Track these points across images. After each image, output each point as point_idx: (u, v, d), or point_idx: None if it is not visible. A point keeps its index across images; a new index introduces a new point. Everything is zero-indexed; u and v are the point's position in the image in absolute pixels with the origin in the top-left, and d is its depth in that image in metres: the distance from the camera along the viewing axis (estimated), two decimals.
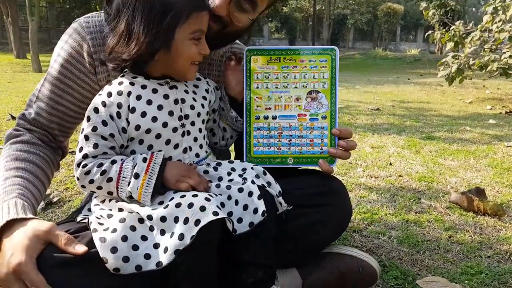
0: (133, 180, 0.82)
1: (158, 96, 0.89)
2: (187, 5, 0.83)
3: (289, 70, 1.01)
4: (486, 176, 2.16)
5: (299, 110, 1.01)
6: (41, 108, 1.00)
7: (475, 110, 4.71)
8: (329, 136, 1.01)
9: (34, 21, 9.16)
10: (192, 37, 0.86)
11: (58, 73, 0.99)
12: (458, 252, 1.35)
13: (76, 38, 0.98)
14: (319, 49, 1.01)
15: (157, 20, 0.81)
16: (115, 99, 0.86)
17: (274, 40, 26.13)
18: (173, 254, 0.75)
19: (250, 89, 1.02)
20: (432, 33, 5.62)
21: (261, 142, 1.03)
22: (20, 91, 5.23)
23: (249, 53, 1.02)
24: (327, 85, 1.00)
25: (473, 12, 30.25)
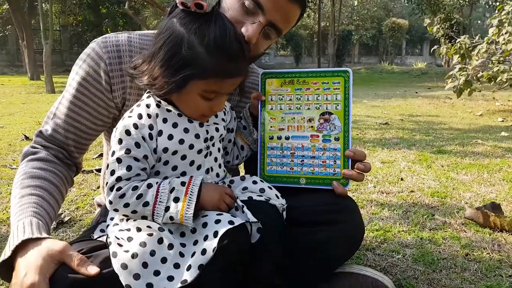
0: (173, 204, 0.82)
1: (183, 119, 0.90)
2: (212, 67, 0.81)
3: (302, 92, 1.02)
4: (501, 191, 2.12)
5: (312, 131, 1.02)
6: (58, 124, 1.02)
7: (486, 123, 4.66)
8: (342, 158, 1.00)
9: (48, 44, 9.40)
10: (203, 94, 0.85)
11: (76, 91, 1.02)
12: (476, 270, 1.31)
13: (94, 57, 1.01)
14: (332, 71, 1.02)
15: (176, 68, 0.81)
16: (146, 121, 0.87)
17: (280, 57, 26.37)
18: (198, 269, 0.76)
19: (264, 110, 1.05)
20: (438, 47, 5.62)
21: (274, 162, 1.04)
22: (33, 112, 5.32)
23: (264, 76, 1.06)
24: (340, 107, 1.01)
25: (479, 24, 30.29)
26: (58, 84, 9.77)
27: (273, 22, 0.97)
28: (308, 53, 27.40)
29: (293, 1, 0.97)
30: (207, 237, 0.79)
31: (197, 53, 0.80)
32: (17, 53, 18.65)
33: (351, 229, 1.04)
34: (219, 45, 0.81)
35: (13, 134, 3.69)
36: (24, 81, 11.68)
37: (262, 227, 0.86)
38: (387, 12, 28.08)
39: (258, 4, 0.95)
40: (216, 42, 0.81)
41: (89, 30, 19.35)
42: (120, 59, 1.01)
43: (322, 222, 1.01)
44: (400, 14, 28.58)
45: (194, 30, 0.81)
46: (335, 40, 16.86)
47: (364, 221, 1.10)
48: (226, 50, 0.82)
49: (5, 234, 1.59)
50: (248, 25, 0.95)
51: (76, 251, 0.79)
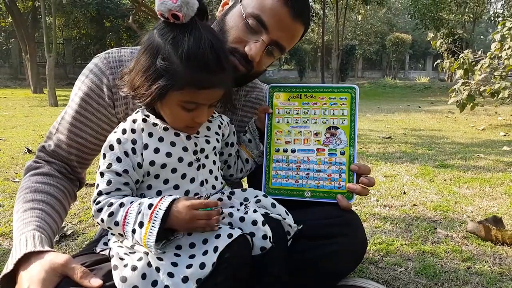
0: (137, 229, 0.79)
1: (169, 134, 0.90)
2: (187, 78, 0.81)
3: (309, 107, 1.04)
4: (503, 204, 2.12)
5: (318, 145, 1.03)
6: (61, 140, 1.03)
7: (489, 137, 4.66)
8: (347, 172, 1.02)
9: (52, 57, 9.49)
10: (183, 105, 0.85)
11: (78, 106, 1.02)
12: (477, 283, 1.31)
13: (97, 72, 1.02)
14: (339, 87, 1.04)
15: (153, 78, 0.82)
16: (130, 136, 0.87)
17: (284, 71, 26.54)
18: (195, 283, 0.75)
19: (271, 123, 1.06)
20: (441, 62, 5.66)
21: (279, 174, 1.05)
22: (36, 125, 5.37)
23: (272, 90, 1.07)
24: (346, 122, 1.02)
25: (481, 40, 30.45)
26: (61, 97, 9.85)
27: (277, 40, 0.98)
28: (312, 67, 27.58)
29: (298, 20, 0.98)
30: (206, 252, 0.78)
31: (172, 64, 0.80)
32: (20, 66, 18.84)
33: (354, 243, 1.05)
34: (192, 55, 0.80)
35: (16, 148, 3.72)
36: (27, 94, 11.79)
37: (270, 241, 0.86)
38: (391, 27, 28.32)
39: (262, 23, 0.96)
40: (189, 53, 0.80)
41: (93, 44, 19.58)
42: None
43: (325, 236, 1.01)
44: (403, 29, 28.80)
45: (169, 41, 0.81)
46: (339, 54, 16.98)
47: (367, 234, 1.11)
48: (200, 60, 0.81)
49: (7, 248, 1.61)
50: (252, 44, 0.96)
51: (79, 264, 0.80)
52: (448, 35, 17.60)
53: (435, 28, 17.76)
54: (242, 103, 1.21)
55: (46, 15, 10.35)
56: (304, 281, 1.01)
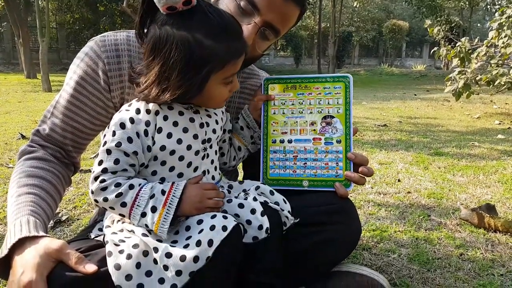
0: (150, 214, 0.80)
1: (184, 118, 0.88)
2: (226, 54, 0.81)
3: (304, 97, 1.05)
4: (496, 192, 2.14)
5: (314, 134, 1.04)
6: (56, 124, 1.01)
7: (483, 125, 4.68)
8: (344, 160, 1.03)
9: (45, 42, 9.36)
10: (225, 82, 0.86)
11: (74, 90, 1.00)
12: (469, 270, 1.33)
13: (92, 56, 1.00)
14: (333, 77, 1.05)
15: (195, 71, 0.80)
16: (144, 117, 0.84)
17: (280, 58, 26.38)
18: (188, 276, 0.75)
19: (267, 115, 1.07)
20: (437, 49, 5.64)
21: (277, 165, 1.06)
22: (30, 111, 5.32)
23: (267, 82, 1.08)
24: (341, 111, 1.03)
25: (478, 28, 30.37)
26: (55, 83, 9.74)
27: (270, 22, 0.97)
28: (308, 54, 27.42)
29: (290, 1, 0.97)
30: (200, 243, 0.76)
31: (208, 47, 0.79)
32: (13, 50, 18.55)
33: (348, 230, 1.06)
34: (223, 29, 0.80)
35: (10, 133, 3.69)
36: (20, 80, 11.65)
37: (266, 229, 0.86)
38: (388, 14, 28.13)
39: (253, 4, 0.95)
40: (220, 29, 0.80)
41: (86, 28, 19.27)
42: (119, 59, 1.00)
43: (319, 223, 1.01)
44: (400, 16, 28.61)
45: (194, 27, 0.79)
46: (336, 41, 16.87)
47: (361, 221, 1.12)
48: (231, 31, 0.82)
49: (1, 233, 1.60)
50: (244, 26, 0.94)
51: (74, 249, 0.79)
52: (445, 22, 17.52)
53: (432, 15, 17.66)
54: (239, 90, 1.20)
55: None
56: (297, 267, 1.02)
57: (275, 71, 15.75)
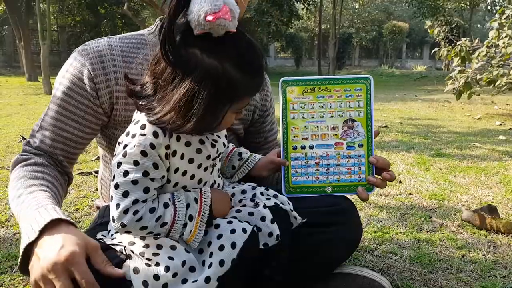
0: (188, 223, 0.82)
1: (195, 139, 0.85)
2: (249, 88, 0.80)
3: (324, 100, 1.01)
4: (498, 193, 2.13)
5: (336, 139, 1.02)
6: (45, 135, 1.00)
7: (485, 126, 4.67)
8: (366, 164, 1.01)
9: (46, 44, 9.37)
10: (237, 111, 0.83)
11: (61, 101, 0.99)
12: (471, 271, 1.32)
13: (76, 65, 1.00)
14: (353, 78, 1.02)
15: (220, 104, 0.76)
16: (164, 141, 0.79)
17: (280, 59, 26.40)
18: (217, 281, 0.77)
19: (286, 120, 1.02)
20: (438, 50, 5.64)
21: (299, 172, 1.03)
22: (31, 113, 5.33)
23: (284, 84, 1.02)
24: (362, 114, 1.01)
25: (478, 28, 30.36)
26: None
27: None
28: (309, 55, 27.44)
29: None
30: (223, 247, 0.79)
31: (236, 80, 0.74)
32: (14, 53, 18.57)
33: (349, 231, 1.06)
34: (251, 63, 0.77)
35: (11, 136, 3.69)
36: (21, 82, 11.66)
37: (278, 233, 0.89)
38: (388, 15, 28.13)
39: None
40: (248, 61, 0.77)
41: (88, 31, 19.28)
42: (103, 64, 1.00)
43: (320, 224, 1.02)
44: (400, 17, 28.61)
45: (225, 55, 0.73)
46: (336, 42, 16.87)
47: (362, 222, 1.12)
48: (257, 65, 0.79)
49: (3, 236, 1.60)
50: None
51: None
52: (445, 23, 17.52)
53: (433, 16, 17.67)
54: None
55: (40, 1, 10.19)
56: (299, 268, 1.02)
57: (275, 72, 15.74)
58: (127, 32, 1.09)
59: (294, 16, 15.28)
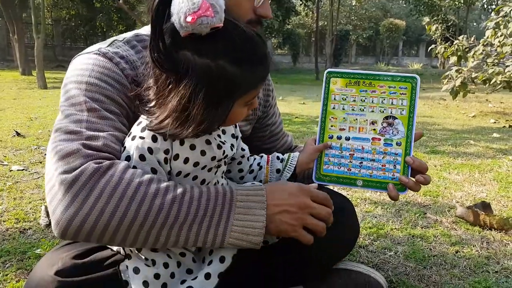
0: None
1: (200, 141, 0.81)
2: (252, 80, 0.75)
3: (367, 94, 1.00)
4: (491, 190, 2.15)
5: (374, 134, 0.99)
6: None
7: (479, 124, 4.70)
8: (402, 164, 0.98)
9: (40, 38, 9.29)
10: (247, 104, 0.79)
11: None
12: (465, 267, 1.34)
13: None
14: (400, 76, 1.00)
15: (218, 103, 0.72)
16: (162, 145, 0.76)
17: (277, 56, 26.36)
18: (217, 277, 0.77)
19: (326, 109, 1.01)
20: (435, 47, 5.66)
21: (331, 161, 1.01)
22: (25, 108, 5.28)
23: (329, 74, 1.02)
24: (405, 112, 0.98)
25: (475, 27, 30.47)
26: (50, 80, 9.66)
27: None
28: (306, 52, 27.43)
29: None
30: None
31: (233, 76, 0.70)
32: (7, 47, 18.34)
33: (347, 229, 1.07)
34: (250, 54, 0.73)
35: (4, 130, 3.66)
36: (15, 76, 11.56)
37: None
38: (385, 12, 28.17)
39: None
40: (246, 54, 0.72)
41: (83, 25, 19.13)
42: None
43: None
44: (397, 14, 28.66)
45: (218, 53, 0.70)
46: (333, 39, 16.88)
47: (358, 218, 1.12)
48: (257, 54, 0.74)
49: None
50: (259, 3, 0.89)
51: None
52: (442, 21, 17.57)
53: (429, 14, 17.71)
54: None
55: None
56: (298, 267, 1.02)
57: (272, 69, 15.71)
58: (123, 26, 1.04)
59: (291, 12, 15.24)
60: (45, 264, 0.79)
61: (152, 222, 0.70)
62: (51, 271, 0.75)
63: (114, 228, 0.68)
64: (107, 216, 0.68)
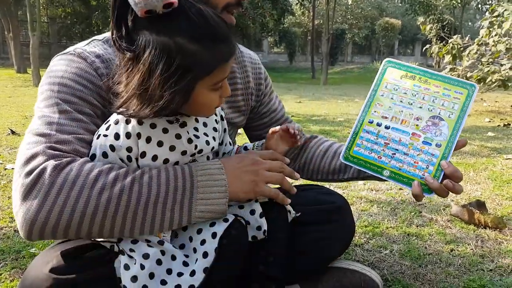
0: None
1: (170, 136, 0.81)
2: (213, 59, 0.73)
3: (420, 90, 0.97)
4: (486, 189, 2.16)
5: (415, 130, 0.96)
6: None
7: (474, 123, 4.72)
8: (436, 166, 0.93)
9: (36, 36, 9.25)
10: (213, 88, 0.78)
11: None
12: (460, 265, 1.34)
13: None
14: (458, 81, 0.97)
15: (177, 80, 0.71)
16: (124, 143, 0.77)
17: (273, 54, 26.35)
18: (203, 272, 0.76)
19: (375, 95, 1.00)
20: (430, 46, 5.68)
21: (364, 145, 0.98)
22: (20, 106, 5.25)
23: (388, 63, 1.01)
24: (453, 116, 0.94)
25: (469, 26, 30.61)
26: None
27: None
28: (302, 51, 27.45)
29: None
30: (204, 241, 0.79)
31: (191, 53, 0.71)
32: (3, 45, 18.28)
33: (343, 228, 1.07)
34: (208, 32, 0.72)
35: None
36: (10, 74, 11.49)
37: (271, 225, 0.87)
38: (381, 11, 28.23)
39: None
40: (204, 32, 0.72)
41: (78, 23, 18.98)
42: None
43: (315, 222, 1.02)
44: (393, 14, 28.74)
45: (176, 31, 0.70)
46: (329, 38, 16.88)
47: (354, 217, 1.13)
48: (217, 33, 0.73)
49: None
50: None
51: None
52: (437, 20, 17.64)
53: (424, 13, 17.78)
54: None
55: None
56: (293, 265, 1.02)
57: (268, 67, 15.69)
58: None
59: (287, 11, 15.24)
60: (39, 262, 0.79)
61: (115, 207, 0.71)
62: (46, 268, 0.74)
63: (78, 221, 0.70)
64: (69, 210, 0.69)
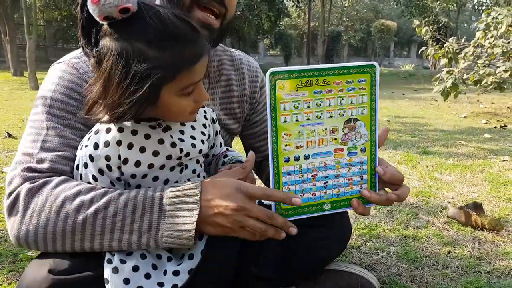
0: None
1: (152, 141, 0.81)
2: (175, 63, 0.71)
3: (323, 96, 0.81)
4: (483, 191, 2.17)
5: (336, 145, 0.83)
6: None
7: (470, 125, 4.74)
8: (369, 172, 0.86)
9: (32, 39, 9.21)
10: (182, 93, 0.76)
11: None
12: (457, 267, 1.35)
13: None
14: (357, 67, 0.83)
15: (136, 86, 0.70)
16: (102, 152, 0.77)
17: (269, 57, 26.39)
18: (187, 274, 0.76)
19: (276, 125, 0.79)
20: (425, 49, 5.70)
21: (292, 190, 0.83)
22: (17, 109, 5.23)
23: (273, 77, 0.77)
24: (366, 111, 0.84)
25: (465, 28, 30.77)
26: (42, 81, 9.53)
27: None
28: (298, 53, 27.47)
29: None
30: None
31: (150, 58, 0.70)
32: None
33: (341, 230, 1.07)
34: (165, 35, 0.71)
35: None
36: (7, 77, 11.43)
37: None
38: (376, 13, 28.35)
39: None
40: (162, 36, 0.71)
41: (75, 26, 18.89)
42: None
43: (310, 224, 1.00)
44: (389, 16, 28.85)
45: (134, 36, 0.70)
46: (325, 40, 16.95)
47: (350, 219, 1.13)
48: (175, 35, 0.72)
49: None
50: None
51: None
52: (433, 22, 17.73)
53: (420, 15, 17.87)
54: (216, 79, 1.13)
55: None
56: (290, 266, 1.02)
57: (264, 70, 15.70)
58: None
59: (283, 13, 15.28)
60: (37, 263, 0.78)
61: (81, 234, 0.75)
62: (44, 269, 0.74)
63: (51, 240, 0.76)
64: (42, 231, 0.75)
